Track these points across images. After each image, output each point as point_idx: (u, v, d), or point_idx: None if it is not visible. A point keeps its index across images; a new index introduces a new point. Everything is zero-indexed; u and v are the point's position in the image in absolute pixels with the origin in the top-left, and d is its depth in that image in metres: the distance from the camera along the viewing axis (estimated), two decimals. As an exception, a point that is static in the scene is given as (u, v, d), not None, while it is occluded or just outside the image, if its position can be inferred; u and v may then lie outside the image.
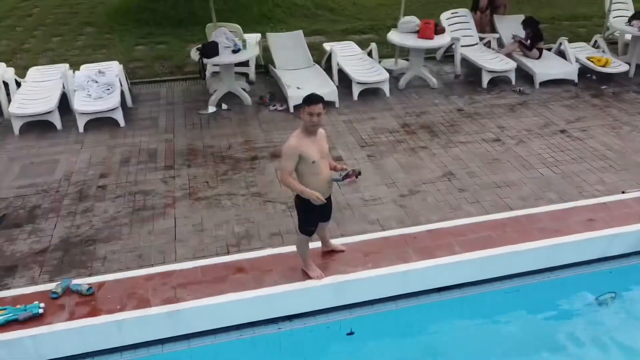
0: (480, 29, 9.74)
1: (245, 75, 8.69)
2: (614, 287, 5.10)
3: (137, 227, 5.22)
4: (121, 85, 7.62)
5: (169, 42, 10.38)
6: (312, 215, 4.20)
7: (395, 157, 6.49)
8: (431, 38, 8.21)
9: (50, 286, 4.39)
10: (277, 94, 8.10)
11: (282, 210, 5.48)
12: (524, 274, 5.00)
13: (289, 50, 8.69)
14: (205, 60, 7.39)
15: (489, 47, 9.39)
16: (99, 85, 7.39)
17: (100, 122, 7.16)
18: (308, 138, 3.86)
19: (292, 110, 7.65)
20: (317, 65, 8.67)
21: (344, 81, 8.30)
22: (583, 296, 5.06)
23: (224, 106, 7.75)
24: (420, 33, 8.27)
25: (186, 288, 4.41)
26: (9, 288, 4.45)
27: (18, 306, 4.15)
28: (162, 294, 4.36)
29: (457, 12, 9.49)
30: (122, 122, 7.20)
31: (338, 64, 8.46)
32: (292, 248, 4.82)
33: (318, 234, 4.56)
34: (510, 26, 9.47)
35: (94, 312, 4.18)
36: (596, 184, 5.94)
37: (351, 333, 4.64)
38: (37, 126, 7.10)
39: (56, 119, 7.09)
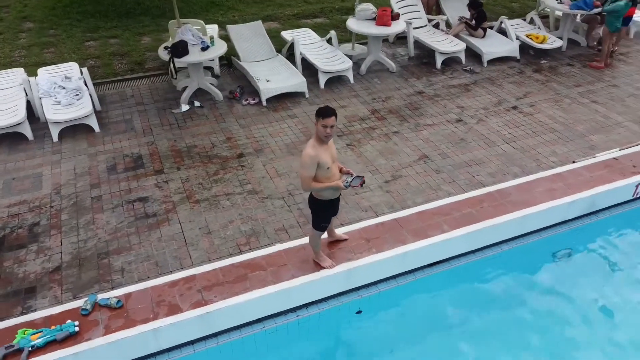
0: (428, 10, 10.29)
1: (210, 69, 8.75)
2: (571, 244, 5.95)
3: (144, 235, 5.39)
4: (87, 88, 7.50)
5: (121, 36, 10.13)
6: (327, 214, 4.61)
7: (373, 144, 6.97)
8: (388, 25, 8.65)
9: (78, 303, 4.55)
10: (247, 87, 8.27)
11: (281, 206, 5.83)
12: (501, 242, 5.72)
13: (250, 41, 8.82)
14: (176, 60, 7.41)
15: (437, 28, 9.96)
16: (67, 92, 7.24)
17: (73, 129, 7.07)
18: (321, 146, 4.22)
19: (264, 103, 7.88)
20: (280, 55, 8.88)
21: (307, 69, 8.59)
22: (547, 254, 5.87)
23: (197, 103, 7.85)
24: (378, 20, 8.68)
25: (211, 290, 4.72)
26: (35, 310, 4.55)
27: (53, 327, 4.30)
28: (190, 298, 4.64)
29: (403, -2, 9.96)
30: (97, 128, 7.15)
31: (301, 53, 8.72)
32: (299, 242, 5.26)
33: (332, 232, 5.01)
34: (455, 7, 10.09)
35: (129, 323, 4.41)
36: (550, 156, 6.74)
37: (359, 312, 5.17)
38: (6, 138, 6.91)
39: (27, 130, 6.92)
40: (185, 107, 7.73)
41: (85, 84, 7.53)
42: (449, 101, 8.08)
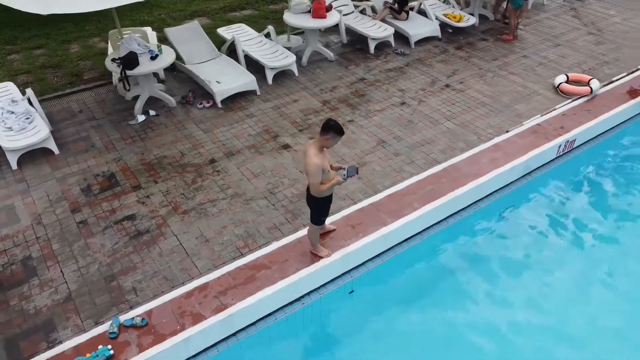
0: (353, -3, 10.84)
1: (155, 74, 8.73)
2: (512, 203, 6.99)
3: (144, 253, 5.60)
4: (35, 109, 7.28)
5: (46, 45, 9.68)
6: (326, 208, 5.16)
7: (333, 135, 7.52)
8: (324, 17, 9.12)
9: (103, 328, 4.77)
10: (197, 90, 8.40)
11: (266, 206, 6.25)
12: (460, 211, 6.60)
13: (191, 43, 8.89)
14: (128, 72, 7.39)
15: (364, 14, 10.57)
16: (17, 116, 7.00)
17: (30, 154, 6.89)
18: (322, 154, 4.74)
19: (219, 105, 8.10)
20: (223, 54, 9.05)
21: (250, 65, 8.85)
22: (494, 215, 6.86)
23: (152, 112, 7.89)
24: (314, 13, 9.11)
25: (226, 294, 5.13)
26: (61, 342, 4.69)
27: (88, 355, 4.51)
28: (209, 304, 5.02)
29: (331, -15, 10.40)
30: (56, 150, 7.03)
31: (244, 51, 8.95)
32: (294, 236, 5.78)
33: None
34: (377, -8, 10.74)
35: (159, 338, 4.72)
36: (487, 128, 7.71)
37: (352, 292, 5.82)
38: (-43, 172, 6.62)
39: (-19, 161, 6.68)
40: (141, 118, 7.76)
41: (31, 104, 7.30)
42: (389, 85, 8.79)
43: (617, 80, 8.94)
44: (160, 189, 6.49)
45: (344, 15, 10.11)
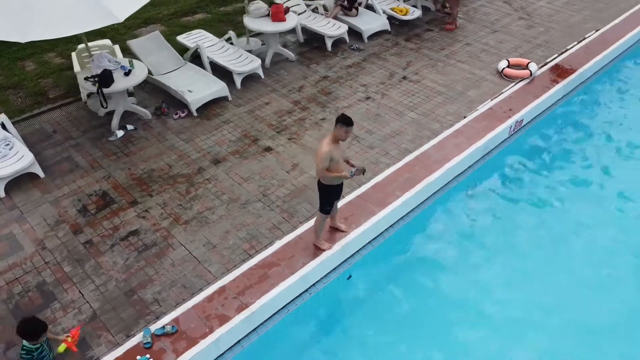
0: (304, -4, 11.26)
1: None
2: (476, 180, 7.83)
3: (157, 265, 5.92)
4: (12, 134, 7.26)
5: (-1, 66, 9.45)
6: (330, 198, 5.73)
7: (309, 134, 8.03)
8: (284, 20, 9.51)
9: (136, 339, 5.10)
10: (169, 101, 8.59)
11: (262, 208, 6.70)
12: (435, 193, 7.35)
13: (156, 54, 9.01)
14: (105, 90, 7.49)
15: (317, 12, 11.04)
16: (-4, 143, 6.97)
17: (16, 181, 6.91)
18: (334, 144, 5.28)
19: (195, 113, 8.36)
20: (188, 63, 9.24)
21: (215, 71, 9.12)
22: (462, 193, 7.67)
23: (130, 127, 8.03)
24: (273, 17, 9.48)
25: (245, 294, 5.58)
26: (99, 358, 4.98)
27: (128, 366, 4.85)
28: (231, 305, 5.47)
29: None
30: (42, 174, 7.08)
31: (208, 58, 9.20)
32: (294, 234, 6.30)
33: (331, 212, 6.09)
34: (327, -10, 11.22)
35: (192, 342, 5.13)
36: (447, 115, 8.49)
37: (350, 277, 6.44)
38: (-58, 205, 6.56)
39: (-33, 192, 6.64)
40: (120, 133, 7.90)
41: (5, 129, 7.27)
42: (352, 81, 9.37)
43: (550, 61, 10.00)
44: (156, 202, 6.76)
45: (297, 14, 10.53)
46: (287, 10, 9.78)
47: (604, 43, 10.68)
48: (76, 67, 8.52)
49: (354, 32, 10.76)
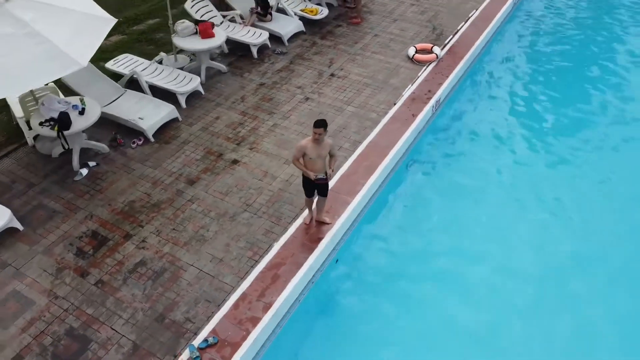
0: (217, 7, 11.67)
1: (70, 125, 8.78)
2: (414, 156, 9.15)
3: (175, 288, 6.41)
4: (-26, 193, 7.13)
5: None
6: (305, 188, 6.76)
7: (267, 141, 8.75)
8: (213, 36, 9.97)
9: (185, 356, 5.67)
10: (120, 131, 8.75)
11: (250, 217, 7.39)
12: (389, 172, 8.53)
13: (93, 85, 9.01)
14: (66, 133, 7.56)
15: (234, 21, 11.55)
16: (-34, 205, 6.83)
17: (-5, 238, 6.89)
18: (312, 143, 6.18)
19: (152, 139, 8.66)
20: (127, 90, 9.38)
21: (155, 94, 9.40)
22: (403, 167, 8.95)
23: (92, 163, 8.14)
24: (202, 34, 9.90)
25: (265, 295, 6.34)
26: (156, 380, 5.49)
27: (190, 379, 5.43)
28: (257, 307, 6.21)
29: (197, 0, 11.12)
30: (20, 227, 7.07)
31: (147, 82, 9.43)
32: (288, 234, 7.11)
33: (317, 205, 6.96)
34: (238, 0, 11.75)
35: (235, 346, 5.82)
36: (379, 105, 9.66)
37: (337, 261, 7.43)
38: None
39: (-50, 260, 6.51)
40: (84, 171, 8.00)
41: (-36, 190, 7.12)
42: (287, 85, 10.16)
43: (448, 42, 11.58)
44: (149, 231, 7.14)
45: (216, 27, 10.98)
46: (212, 25, 10.22)
47: (486, 19, 12.52)
48: (18, 113, 8.34)
49: (273, 37, 11.47)
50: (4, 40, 6.49)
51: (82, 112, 7.89)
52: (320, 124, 6.11)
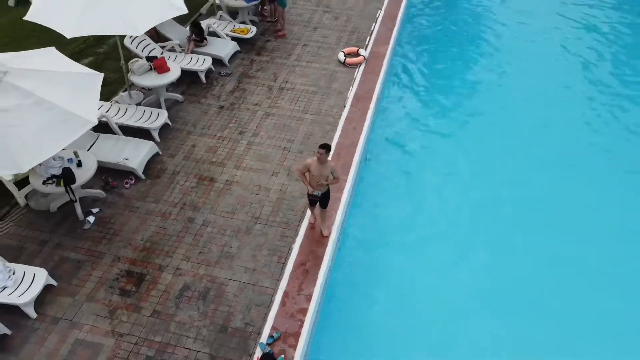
0: (154, 40, 12.17)
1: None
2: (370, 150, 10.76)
3: (225, 300, 7.33)
4: (-4, 261, 7.36)
5: None
6: (309, 198, 7.94)
7: (248, 159, 9.73)
8: (169, 70, 10.60)
9: (257, 354, 6.71)
10: (110, 175, 9.20)
11: (262, 228, 8.42)
12: (358, 167, 9.99)
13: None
14: (73, 186, 7.96)
15: (175, 51, 12.14)
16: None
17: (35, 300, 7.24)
18: (316, 162, 7.39)
19: (143, 177, 9.24)
20: (99, 134, 9.74)
21: (126, 133, 9.91)
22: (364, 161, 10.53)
23: (95, 210, 8.58)
24: (159, 69, 10.49)
25: (302, 289, 7.54)
26: (243, 378, 6.49)
27: (272, 369, 6.52)
28: (300, 299, 7.40)
29: (135, 36, 11.54)
30: (54, 282, 7.46)
31: (117, 123, 9.89)
32: (300, 235, 8.30)
33: (320, 214, 8.17)
34: (174, 30, 12.34)
35: (296, 335, 6.98)
36: (332, 109, 11.03)
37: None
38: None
39: None
40: (92, 219, 8.44)
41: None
42: (245, 104, 11.13)
43: (368, 43, 13.23)
44: (179, 258, 7.92)
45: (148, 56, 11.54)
46: (164, 60, 10.81)
47: (392, 18, 14.37)
48: (6, 176, 8.46)
49: (214, 60, 12.27)
50: (14, 112, 6.86)
51: (79, 164, 8.30)
52: (324, 146, 7.30)
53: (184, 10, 9.54)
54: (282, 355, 6.68)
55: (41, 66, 7.52)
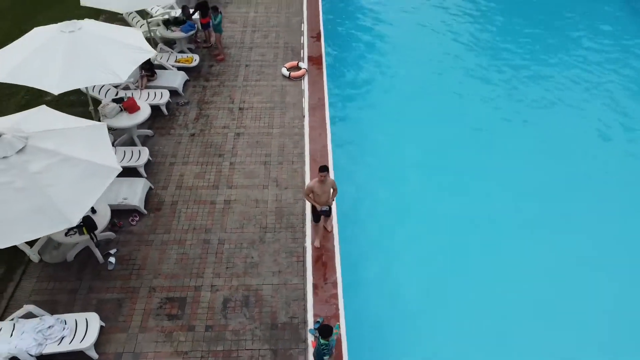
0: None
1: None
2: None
3: (265, 304, 8.35)
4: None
5: None
6: (314, 214, 9.14)
7: (236, 177, 10.66)
8: (139, 109, 11.12)
9: (310, 339, 7.88)
10: (114, 214, 9.65)
11: (274, 235, 9.48)
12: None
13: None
14: (96, 231, 8.43)
15: (129, 88, 12.54)
16: (55, 325, 7.48)
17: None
18: (318, 182, 8.61)
19: (145, 212, 9.83)
20: (89, 180, 10.09)
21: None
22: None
23: (112, 251, 9.07)
24: (130, 110, 10.99)
25: (327, 278, 8.82)
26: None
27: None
28: (329, 288, 8.66)
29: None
30: (103, 323, 7.96)
31: (102, 167, 10.29)
32: (308, 235, 9.49)
33: (324, 223, 9.40)
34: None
35: (336, 317, 8.23)
36: (294, 120, 12.24)
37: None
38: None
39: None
40: (113, 259, 8.94)
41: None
42: (213, 129, 11.96)
43: (304, 56, 14.56)
44: (209, 277, 8.76)
45: (112, 100, 11.95)
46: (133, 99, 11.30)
47: (315, 29, 15.82)
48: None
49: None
50: (47, 172, 7.27)
51: (93, 211, 8.76)
52: (324, 169, 8.46)
53: (153, 53, 10.20)
54: (338, 323, 7.88)
55: (51, 125, 7.92)
